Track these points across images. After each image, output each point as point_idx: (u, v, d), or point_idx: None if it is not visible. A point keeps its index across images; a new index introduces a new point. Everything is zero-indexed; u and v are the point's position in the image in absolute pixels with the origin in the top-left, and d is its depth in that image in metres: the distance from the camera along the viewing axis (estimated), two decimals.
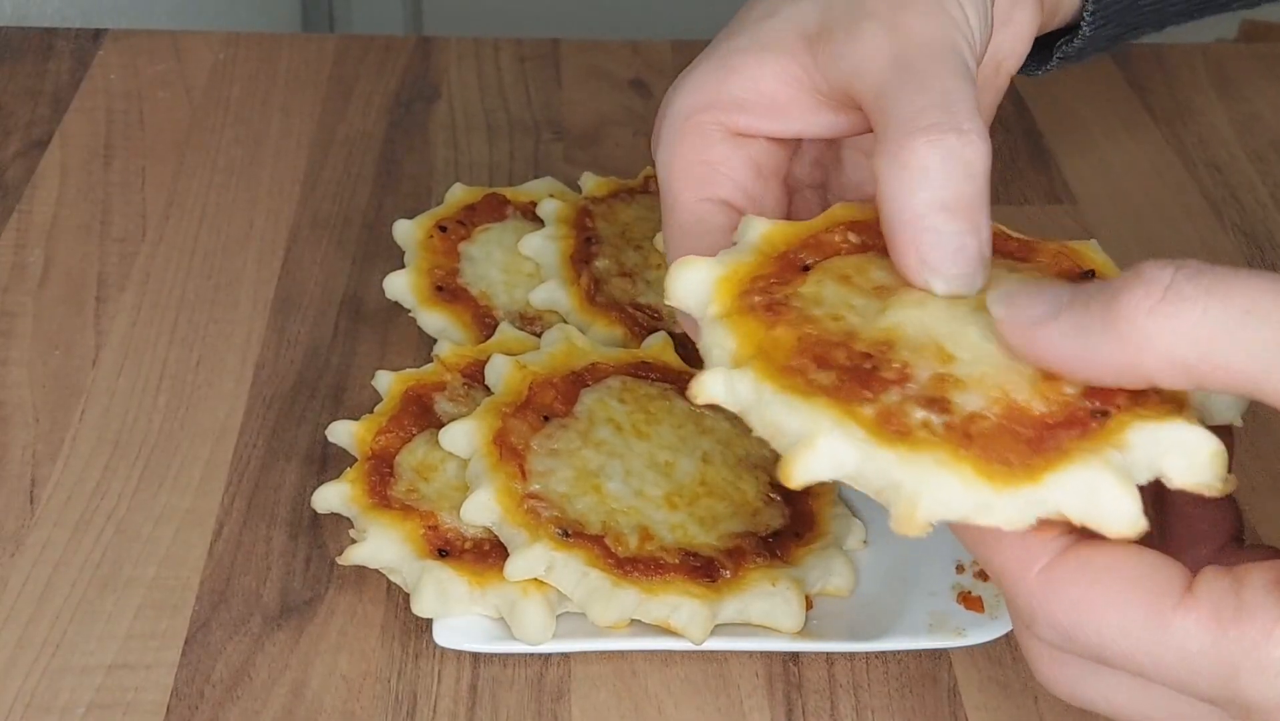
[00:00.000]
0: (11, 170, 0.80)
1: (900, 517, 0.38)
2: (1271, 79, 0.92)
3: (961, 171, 0.43)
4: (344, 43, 0.93)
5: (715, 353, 0.42)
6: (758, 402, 0.40)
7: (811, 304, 0.43)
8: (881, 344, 0.41)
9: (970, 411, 0.38)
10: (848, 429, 0.39)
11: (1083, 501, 0.37)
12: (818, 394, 0.39)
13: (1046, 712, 0.53)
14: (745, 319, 0.42)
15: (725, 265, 0.44)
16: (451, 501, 0.56)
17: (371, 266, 0.73)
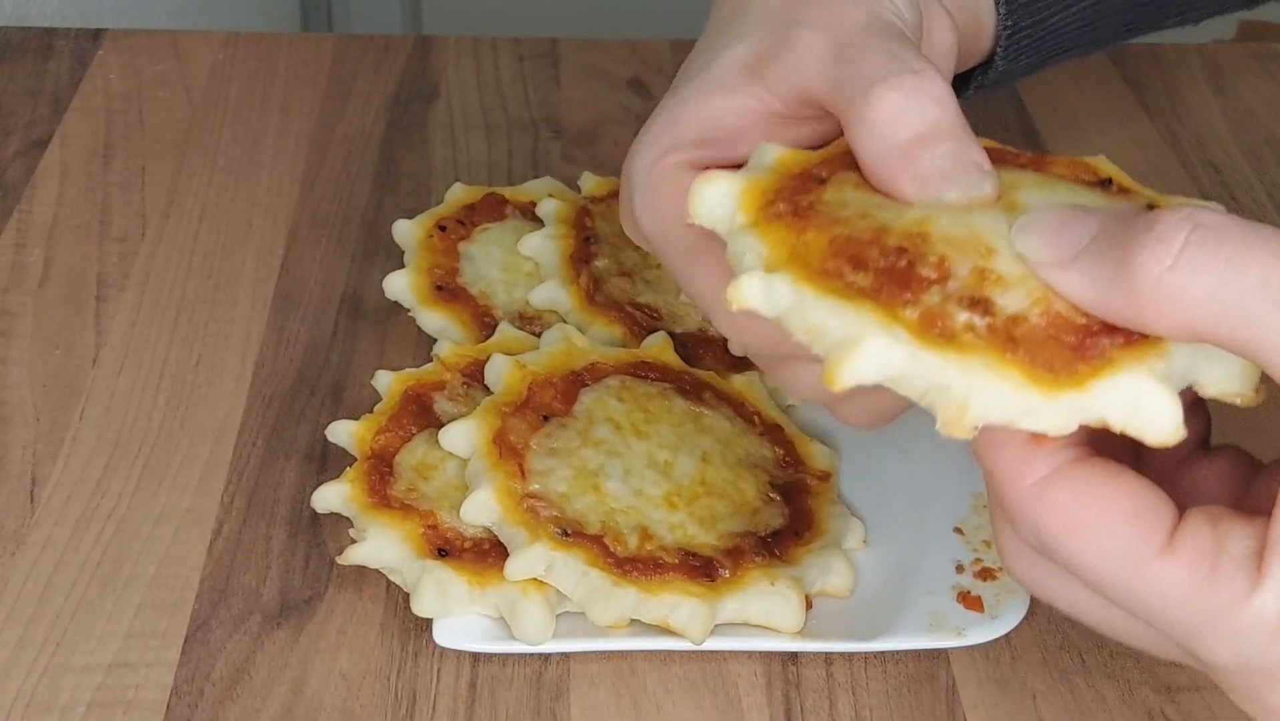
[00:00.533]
0: (11, 170, 0.80)
1: (949, 421, 0.37)
2: (1268, 78, 0.92)
3: (929, 103, 0.44)
4: (343, 42, 0.93)
5: (748, 258, 0.42)
6: (798, 305, 0.40)
7: (836, 206, 0.42)
8: (915, 236, 0.40)
9: (1013, 312, 0.38)
10: (892, 331, 0.38)
11: (1127, 409, 0.37)
12: (860, 296, 0.39)
13: (1045, 712, 0.53)
14: (773, 225, 0.42)
15: (747, 178, 0.44)
16: (451, 501, 0.56)
17: (371, 265, 0.73)
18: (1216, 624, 0.37)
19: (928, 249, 0.39)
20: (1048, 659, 0.55)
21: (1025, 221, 0.39)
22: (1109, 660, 0.55)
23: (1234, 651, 0.37)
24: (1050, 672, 0.55)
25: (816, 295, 0.39)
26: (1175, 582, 0.37)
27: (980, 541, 0.58)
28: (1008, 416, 0.37)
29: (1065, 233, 0.38)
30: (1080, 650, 0.55)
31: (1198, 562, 0.37)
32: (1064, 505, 0.38)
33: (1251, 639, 0.37)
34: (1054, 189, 0.42)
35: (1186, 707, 0.54)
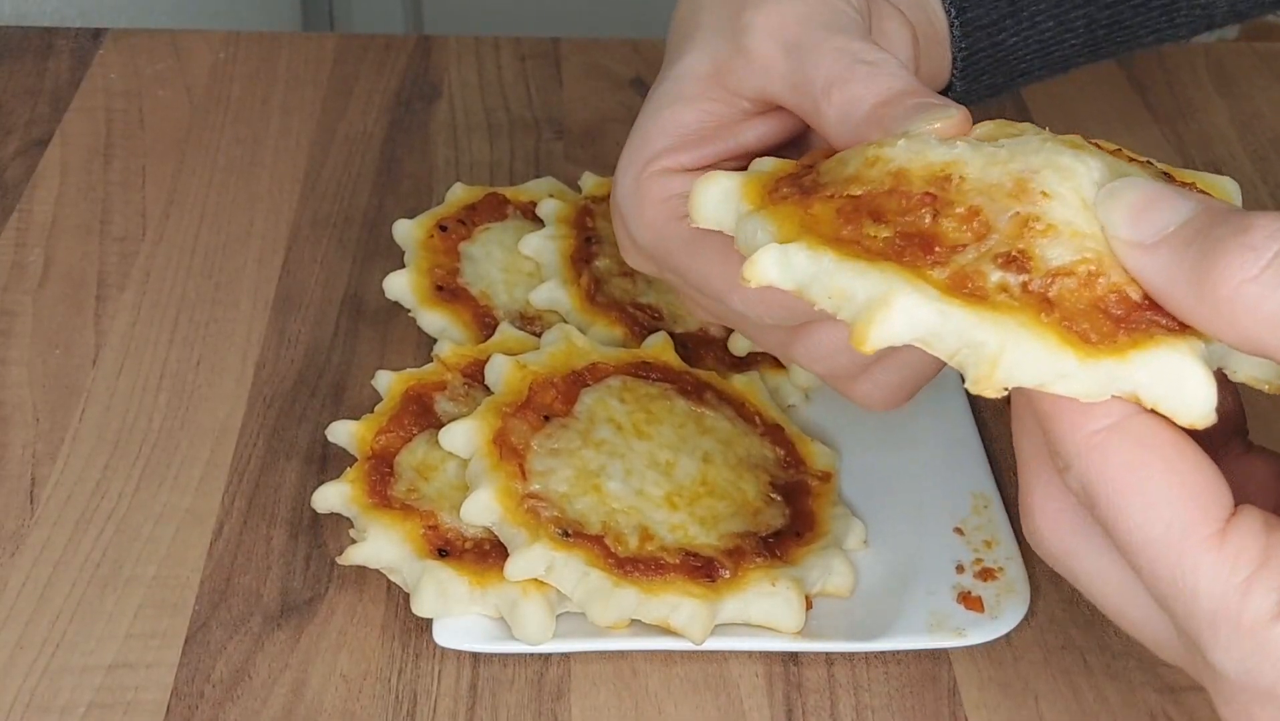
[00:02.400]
0: (11, 169, 0.80)
1: (979, 379, 0.36)
2: (1272, 78, 0.92)
3: (884, 78, 0.45)
4: (344, 42, 0.93)
5: (759, 235, 0.41)
6: (818, 272, 0.39)
7: (838, 167, 0.42)
8: (940, 179, 0.39)
9: (1054, 267, 0.37)
10: (921, 288, 0.37)
11: (1163, 384, 0.36)
12: (882, 257, 0.38)
13: (1047, 711, 0.53)
14: (779, 206, 0.41)
15: (745, 176, 0.44)
16: (451, 501, 0.56)
17: (372, 266, 0.73)
18: (1236, 632, 0.36)
19: (956, 195, 0.39)
20: (1050, 659, 0.55)
21: (1115, 188, 0.38)
22: (1111, 660, 0.55)
23: (1242, 665, 0.36)
24: (1052, 673, 0.55)
25: (837, 259, 0.38)
26: (1214, 576, 0.36)
27: (980, 541, 0.58)
28: (1040, 378, 0.36)
29: (1153, 213, 0.37)
30: (1082, 650, 0.55)
31: (1241, 565, 0.36)
32: (1123, 459, 0.37)
33: (1266, 658, 0.36)
34: None
35: (1189, 708, 0.53)
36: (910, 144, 0.41)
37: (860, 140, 0.44)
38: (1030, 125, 0.43)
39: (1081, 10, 0.62)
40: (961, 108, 0.44)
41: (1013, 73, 0.63)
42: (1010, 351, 0.36)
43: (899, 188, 0.39)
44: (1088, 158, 0.39)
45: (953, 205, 0.38)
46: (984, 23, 0.60)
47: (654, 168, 0.51)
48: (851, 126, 0.46)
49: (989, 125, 0.44)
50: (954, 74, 0.61)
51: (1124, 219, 0.37)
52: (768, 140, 0.53)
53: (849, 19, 0.50)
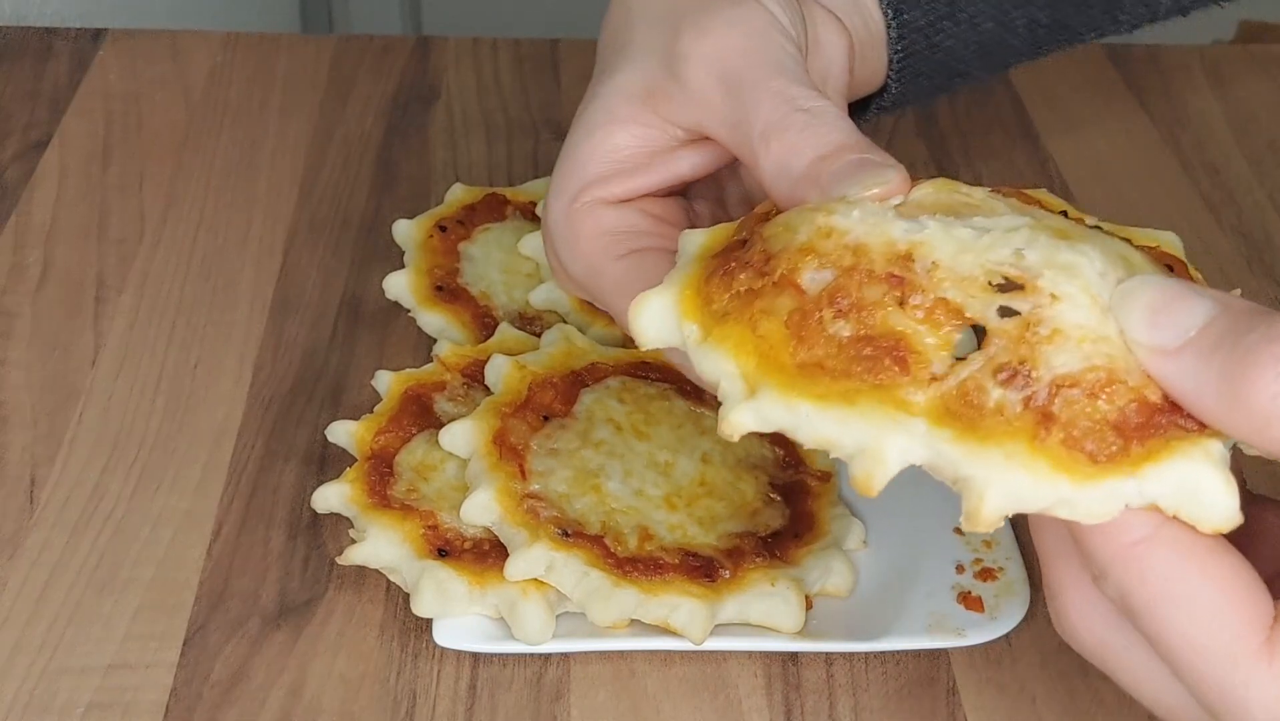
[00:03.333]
0: (10, 172, 0.80)
1: (970, 513, 0.36)
2: (1268, 80, 0.92)
3: (825, 129, 0.45)
4: (342, 43, 0.93)
5: (724, 384, 0.40)
6: (800, 422, 0.38)
7: (786, 234, 0.40)
8: (903, 259, 0.38)
9: (1059, 375, 0.36)
10: (906, 426, 0.37)
11: (1183, 495, 0.35)
12: (860, 392, 0.37)
13: (1045, 712, 0.53)
14: (727, 327, 0.40)
15: (676, 285, 0.42)
16: (451, 501, 0.56)
17: (370, 267, 0.73)
18: None
19: (928, 285, 0.37)
20: (1047, 660, 0.55)
21: (1129, 289, 0.37)
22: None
23: None
24: (1050, 674, 0.55)
25: (814, 407, 0.37)
26: (1265, 690, 0.35)
27: (980, 541, 0.58)
28: (1038, 506, 0.36)
29: (1173, 314, 0.36)
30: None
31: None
32: (1161, 570, 0.36)
33: None
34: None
35: None
36: (865, 215, 0.39)
37: (797, 197, 0.44)
38: (979, 190, 0.42)
39: (1022, 10, 0.62)
40: (899, 168, 0.43)
41: (951, 74, 0.62)
42: (996, 486, 0.35)
43: (860, 265, 0.38)
44: (1085, 248, 0.38)
45: (922, 291, 0.37)
46: (921, 24, 0.59)
47: (587, 198, 0.50)
48: (788, 181, 0.45)
49: (929, 187, 0.42)
50: (890, 76, 0.60)
51: (1142, 322, 0.36)
52: (701, 169, 0.51)
53: (788, 55, 0.49)
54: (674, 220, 0.52)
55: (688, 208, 0.54)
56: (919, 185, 0.42)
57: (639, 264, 0.49)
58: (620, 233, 0.50)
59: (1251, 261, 0.76)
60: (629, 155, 0.51)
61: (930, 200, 0.42)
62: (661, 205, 0.52)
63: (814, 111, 0.46)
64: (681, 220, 0.52)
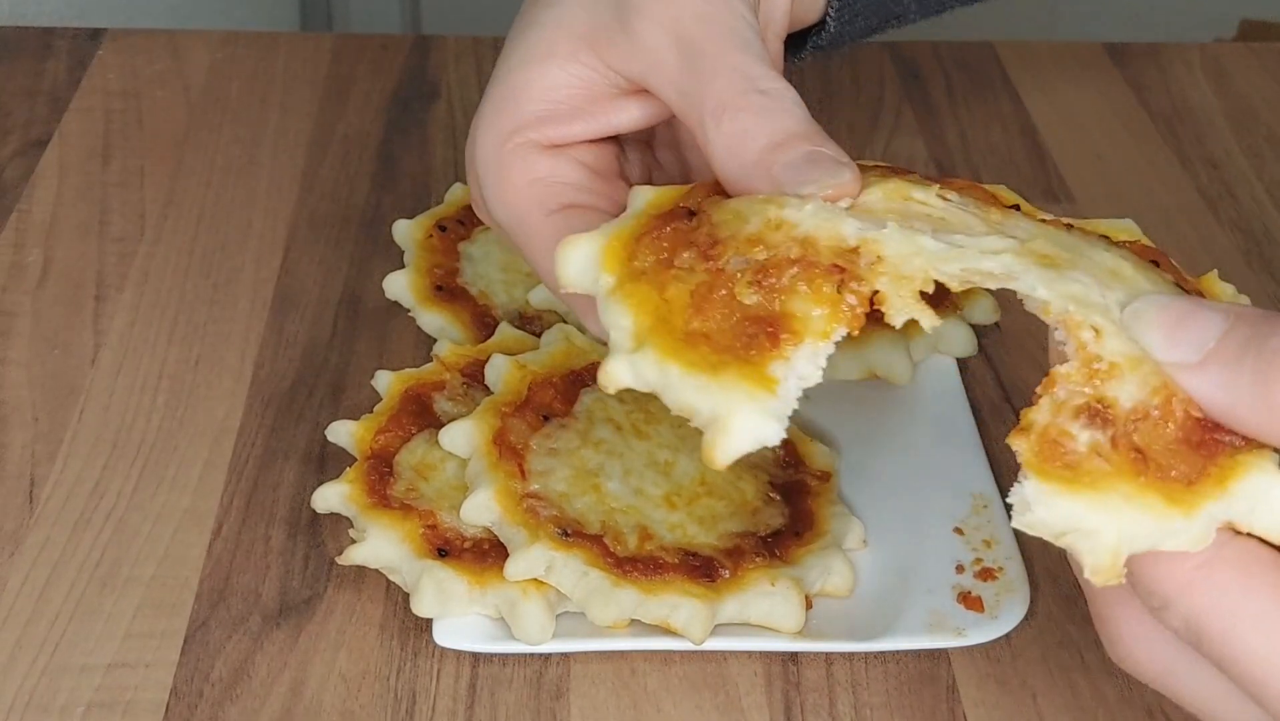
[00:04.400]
0: (10, 170, 0.80)
1: (1100, 569, 0.35)
2: (1267, 75, 0.92)
3: (780, 115, 0.44)
4: (342, 41, 0.93)
5: (614, 335, 0.40)
6: (667, 384, 0.39)
7: (736, 222, 0.40)
8: (848, 253, 0.38)
9: (1130, 409, 0.36)
10: (760, 400, 0.37)
11: (1259, 509, 0.35)
12: (725, 363, 0.38)
13: (1046, 710, 0.53)
14: (638, 285, 0.40)
15: (608, 235, 0.42)
16: (451, 501, 0.56)
17: (370, 265, 0.73)
18: None
19: (869, 276, 0.38)
20: (1048, 657, 0.55)
21: (1138, 310, 0.37)
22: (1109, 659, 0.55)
23: None
24: (1050, 671, 0.55)
25: (681, 372, 0.38)
26: None
27: (980, 541, 0.58)
28: (1151, 544, 0.35)
29: (1188, 329, 0.36)
30: (1080, 648, 0.55)
31: None
32: (1230, 592, 0.35)
33: None
34: None
35: None
36: (819, 210, 0.40)
37: (745, 182, 0.43)
38: (931, 191, 0.42)
39: None
40: (852, 168, 0.42)
41: (888, 15, 0.61)
42: (1128, 537, 0.35)
43: (805, 256, 0.39)
44: (1078, 275, 0.38)
45: (859, 281, 0.38)
46: None
47: (519, 139, 0.49)
48: (738, 165, 0.44)
49: (878, 191, 0.42)
50: (829, 13, 0.58)
51: (1161, 341, 0.36)
52: (639, 123, 0.50)
53: (747, 24, 0.47)
54: (606, 171, 0.51)
55: (619, 154, 0.52)
56: (869, 188, 0.42)
57: (568, 222, 0.48)
58: (553, 183, 0.49)
59: (1250, 256, 0.76)
60: (566, 96, 0.49)
61: (881, 206, 0.42)
62: (594, 154, 0.51)
63: (771, 94, 0.45)
64: (614, 171, 0.51)
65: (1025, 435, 0.36)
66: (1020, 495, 0.36)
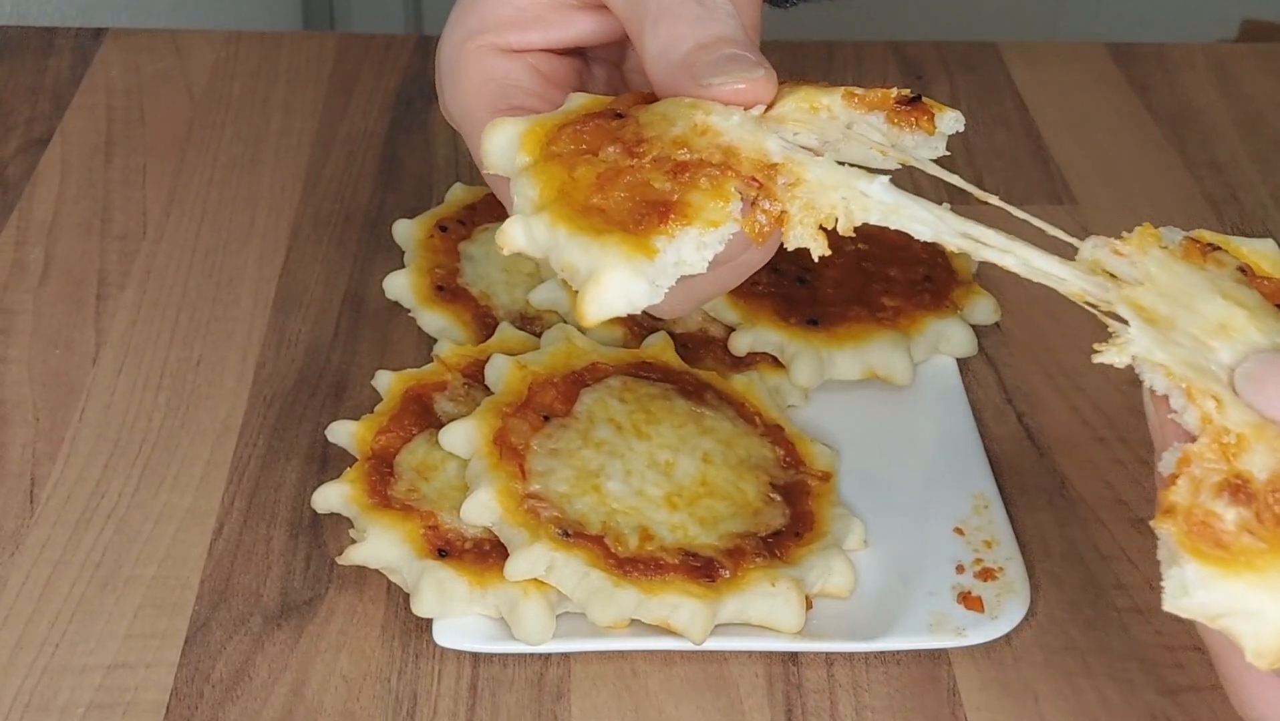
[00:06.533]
0: (12, 167, 0.80)
1: (1262, 651, 0.35)
2: (1272, 78, 0.92)
3: (711, 23, 0.46)
4: (345, 41, 0.93)
5: (517, 201, 0.43)
6: (555, 245, 0.41)
7: (662, 124, 0.43)
8: (767, 168, 0.41)
9: (1268, 479, 0.36)
10: (636, 261, 0.39)
11: None
12: (612, 229, 0.40)
13: (1047, 712, 0.53)
14: (550, 165, 0.43)
15: (532, 121, 0.45)
16: (451, 501, 0.56)
17: (372, 265, 0.73)
18: None
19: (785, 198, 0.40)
20: (1050, 660, 0.55)
21: (1249, 373, 0.37)
22: (1112, 661, 0.55)
23: None
24: (1053, 673, 0.55)
25: (569, 233, 0.41)
26: None
27: (980, 541, 0.58)
28: None
29: None
30: (1083, 651, 0.55)
31: None
32: None
33: None
34: None
35: (1189, 708, 0.53)
36: (745, 122, 0.42)
37: (672, 82, 0.46)
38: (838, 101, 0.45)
39: None
40: (769, 72, 0.45)
41: None
42: None
43: (727, 163, 0.41)
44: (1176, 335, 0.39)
45: (772, 200, 0.40)
46: None
47: (480, 41, 0.51)
48: (666, 66, 0.46)
49: (791, 101, 0.44)
50: None
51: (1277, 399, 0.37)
52: (597, 37, 0.52)
53: None
54: (562, 81, 0.53)
55: (583, 70, 0.54)
56: (782, 99, 0.45)
57: None
58: (505, 84, 0.51)
59: None
60: (529, 4, 0.51)
61: (792, 115, 0.44)
62: (553, 63, 0.52)
63: (707, 5, 0.47)
64: (572, 82, 0.53)
65: (1171, 518, 0.36)
66: (1179, 579, 0.36)
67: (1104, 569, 0.59)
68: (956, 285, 0.69)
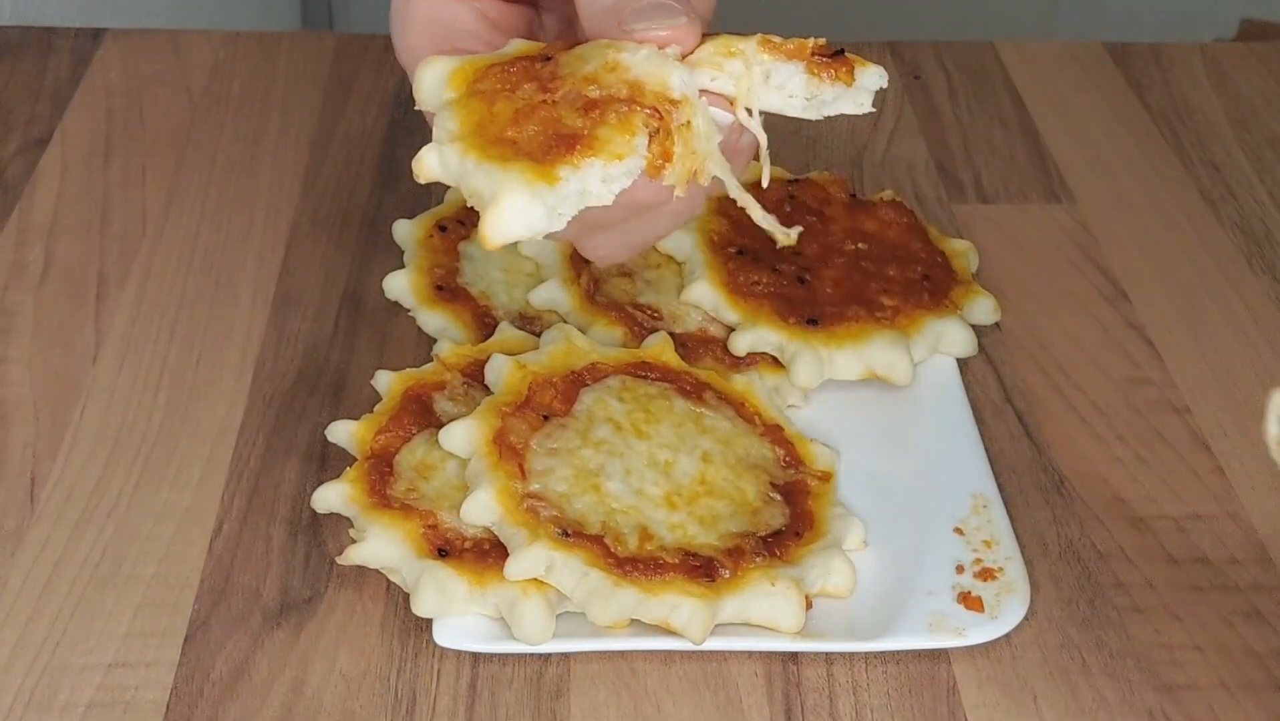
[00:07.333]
0: (12, 168, 0.80)
1: None
2: (1269, 76, 0.92)
3: None
4: (344, 41, 0.93)
5: (437, 132, 0.45)
6: (464, 172, 0.43)
7: (576, 63, 0.45)
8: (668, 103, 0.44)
9: None
10: (534, 186, 0.42)
11: None
12: (516, 157, 0.42)
13: (1046, 711, 0.53)
14: (471, 101, 0.45)
15: (462, 60, 0.47)
16: (451, 501, 0.56)
17: (371, 264, 0.73)
18: None
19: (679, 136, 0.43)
20: (1048, 658, 0.55)
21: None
22: (1109, 659, 0.55)
23: None
24: (1051, 672, 0.55)
25: (478, 161, 0.43)
26: None
27: (980, 541, 0.58)
28: None
29: None
30: (1081, 649, 0.55)
31: None
32: None
33: None
34: None
35: (1186, 706, 0.54)
36: (651, 56, 0.45)
37: (601, 28, 0.47)
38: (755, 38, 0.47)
39: None
40: (692, 18, 0.46)
41: None
42: None
43: (633, 97, 0.44)
44: None
45: (666, 135, 0.43)
46: None
47: None
48: (596, 12, 0.47)
49: (709, 46, 0.47)
50: None
51: None
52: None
53: None
54: (509, 27, 0.54)
55: (533, 19, 0.55)
56: (701, 45, 0.47)
57: None
58: (450, 26, 0.52)
59: (1251, 258, 0.76)
60: None
61: (708, 59, 0.46)
62: (502, 10, 0.53)
63: None
64: (519, 29, 0.54)
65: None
66: None
67: (1102, 568, 0.59)
68: (956, 285, 0.69)
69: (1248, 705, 0.54)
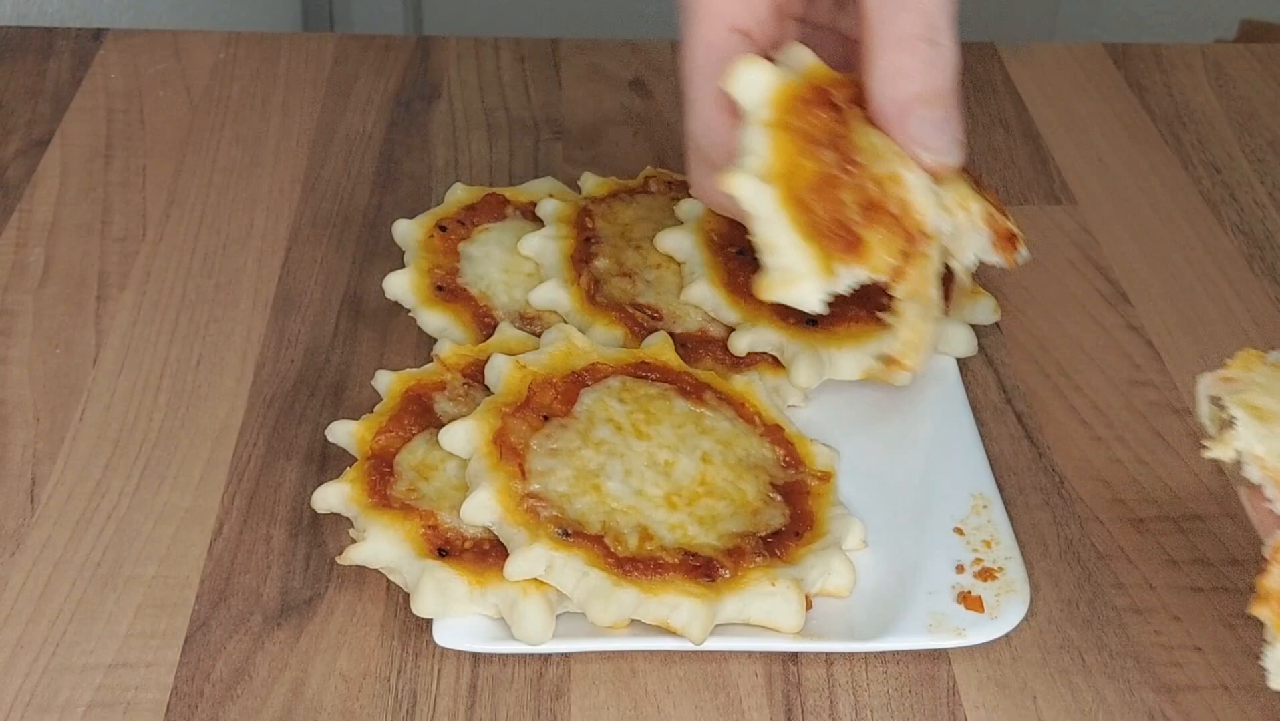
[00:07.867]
0: (12, 169, 0.80)
1: None
2: (1270, 79, 0.92)
3: (936, 72, 0.52)
4: (344, 42, 0.93)
5: (749, 159, 0.50)
6: (769, 220, 0.49)
7: (870, 153, 0.50)
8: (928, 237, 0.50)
9: None
10: (821, 277, 0.49)
11: None
12: (815, 241, 0.49)
13: (1046, 712, 0.53)
14: (786, 135, 0.50)
15: (782, 77, 0.51)
16: (451, 501, 0.56)
17: (371, 266, 0.73)
18: None
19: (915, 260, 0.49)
20: (1048, 659, 0.55)
21: None
22: (1109, 660, 0.55)
23: None
24: (1051, 673, 0.55)
25: (789, 222, 0.49)
26: None
27: (980, 541, 0.58)
28: None
29: None
30: (1080, 650, 0.55)
31: None
32: None
33: None
34: None
35: (1186, 708, 0.54)
36: (924, 188, 0.50)
37: (884, 113, 0.51)
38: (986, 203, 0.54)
39: None
40: (961, 149, 0.52)
41: None
42: None
43: (901, 215, 0.50)
44: None
45: (920, 260, 0.50)
46: None
47: None
48: (887, 98, 0.51)
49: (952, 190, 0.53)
50: None
51: None
52: None
53: None
54: (792, 14, 0.58)
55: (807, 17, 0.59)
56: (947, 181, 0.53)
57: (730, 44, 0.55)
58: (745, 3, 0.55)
59: (1252, 260, 0.76)
60: None
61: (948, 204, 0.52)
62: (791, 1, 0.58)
63: (940, 49, 0.51)
64: (798, 14, 0.59)
65: (1266, 603, 0.42)
66: (1276, 659, 0.42)
67: (1101, 568, 0.59)
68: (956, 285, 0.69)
69: (1248, 706, 0.54)
